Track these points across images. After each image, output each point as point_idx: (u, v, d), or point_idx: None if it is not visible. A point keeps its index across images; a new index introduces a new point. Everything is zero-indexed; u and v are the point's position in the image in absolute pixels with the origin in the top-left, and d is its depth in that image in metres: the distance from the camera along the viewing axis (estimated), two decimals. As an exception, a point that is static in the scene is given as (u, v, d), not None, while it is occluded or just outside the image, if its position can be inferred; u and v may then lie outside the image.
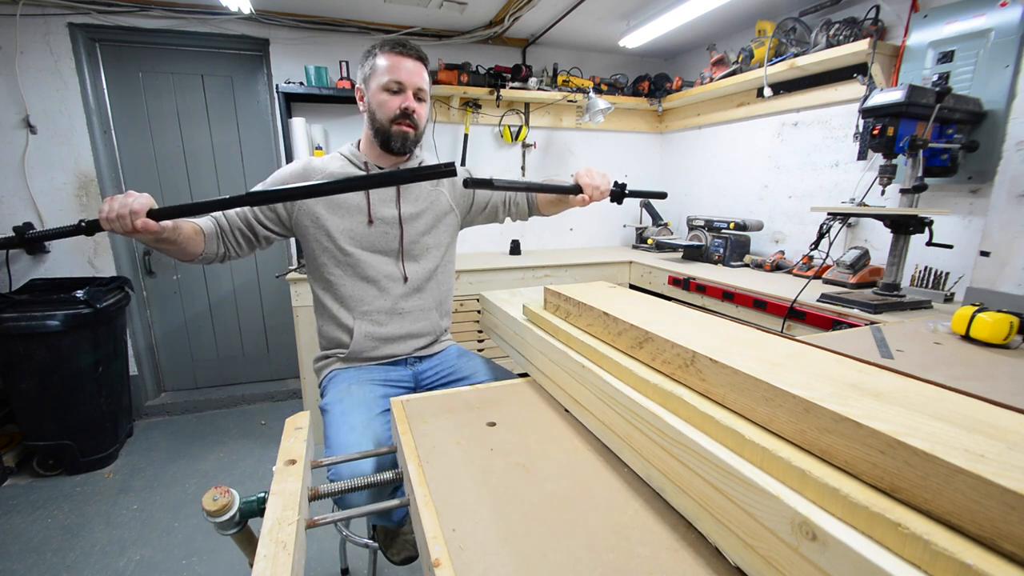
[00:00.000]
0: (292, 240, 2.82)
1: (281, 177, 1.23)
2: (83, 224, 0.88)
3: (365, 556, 1.72)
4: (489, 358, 1.35)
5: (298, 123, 2.43)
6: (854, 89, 2.09)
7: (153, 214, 0.88)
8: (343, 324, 1.24)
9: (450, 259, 1.39)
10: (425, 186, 1.31)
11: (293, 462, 0.73)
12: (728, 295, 2.04)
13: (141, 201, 0.87)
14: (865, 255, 1.91)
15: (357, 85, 1.24)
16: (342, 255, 1.22)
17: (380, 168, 1.26)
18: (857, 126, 1.99)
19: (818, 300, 1.66)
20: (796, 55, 2.16)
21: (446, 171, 0.84)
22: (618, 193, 1.21)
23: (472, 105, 2.92)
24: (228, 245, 1.17)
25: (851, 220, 2.15)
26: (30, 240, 0.93)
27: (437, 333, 1.35)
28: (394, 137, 1.19)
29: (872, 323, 1.43)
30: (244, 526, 0.73)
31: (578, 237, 3.47)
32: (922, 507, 0.37)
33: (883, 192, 1.61)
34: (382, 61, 1.16)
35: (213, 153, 2.76)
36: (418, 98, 1.20)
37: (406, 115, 1.17)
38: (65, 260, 2.52)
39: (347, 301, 1.24)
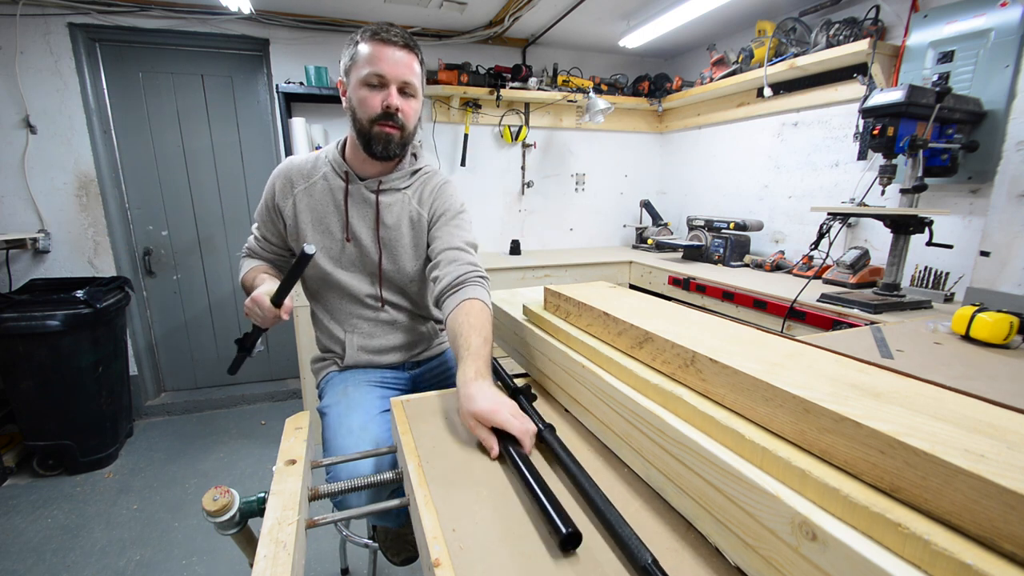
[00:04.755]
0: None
1: (269, 195, 1.17)
2: (253, 331, 1.10)
3: (365, 556, 1.72)
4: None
5: (298, 123, 2.43)
6: (854, 89, 2.09)
7: (274, 300, 1.01)
8: (335, 336, 1.22)
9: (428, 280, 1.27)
10: (411, 203, 1.20)
11: (293, 462, 0.73)
12: (728, 295, 2.04)
13: (265, 303, 1.00)
14: (865, 255, 1.91)
15: (339, 78, 1.10)
16: (322, 272, 1.16)
17: (362, 179, 1.14)
18: (857, 126, 1.99)
19: (818, 300, 1.66)
20: (796, 55, 2.16)
21: (303, 261, 0.93)
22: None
23: (472, 105, 2.93)
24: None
25: (851, 220, 2.15)
26: (247, 349, 1.13)
27: (431, 338, 1.31)
28: (375, 139, 1.05)
29: (872, 323, 1.43)
30: (244, 526, 0.73)
31: (578, 237, 3.47)
32: (922, 507, 0.37)
33: (883, 192, 1.61)
34: (363, 49, 1.02)
35: (213, 153, 2.76)
36: (404, 93, 1.04)
37: (388, 115, 1.03)
38: (65, 260, 2.52)
39: (336, 314, 1.21)
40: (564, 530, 0.52)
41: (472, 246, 1.14)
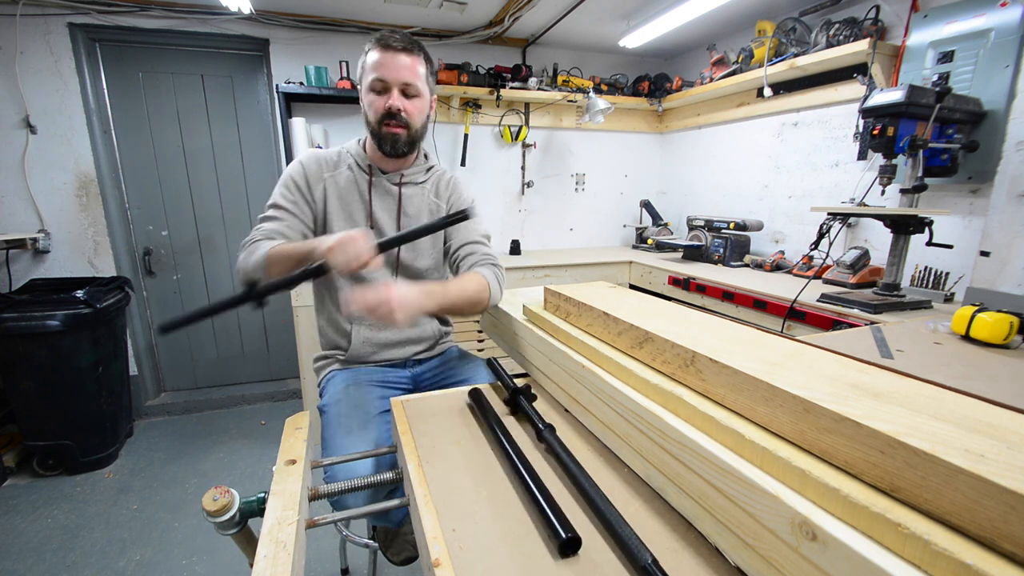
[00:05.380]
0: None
1: (300, 177, 1.17)
2: (313, 268, 0.91)
3: (365, 556, 1.72)
4: (490, 358, 1.35)
5: (298, 123, 2.43)
6: (854, 89, 2.08)
7: (381, 245, 0.92)
8: (341, 327, 1.23)
9: (443, 272, 1.34)
10: (429, 196, 1.27)
11: (293, 462, 0.73)
12: (728, 295, 2.04)
13: (364, 244, 0.89)
14: (865, 255, 1.91)
15: (358, 89, 1.19)
16: None
17: (384, 172, 1.22)
18: (857, 126, 1.99)
19: (818, 300, 1.66)
20: (796, 55, 2.16)
21: (459, 218, 0.90)
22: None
23: (472, 105, 2.92)
24: None
25: (851, 220, 2.15)
26: (260, 294, 0.90)
27: (436, 337, 1.33)
28: (384, 139, 1.14)
29: (872, 323, 1.43)
30: (244, 526, 0.73)
31: (578, 237, 3.47)
32: (922, 507, 0.37)
33: (883, 192, 1.61)
34: (370, 57, 1.11)
35: (213, 153, 2.76)
36: (407, 94, 1.12)
37: (391, 115, 1.11)
38: (65, 260, 2.52)
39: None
40: (563, 535, 0.52)
41: (487, 237, 1.27)
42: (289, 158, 2.49)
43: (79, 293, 2.09)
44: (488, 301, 1.11)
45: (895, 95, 1.47)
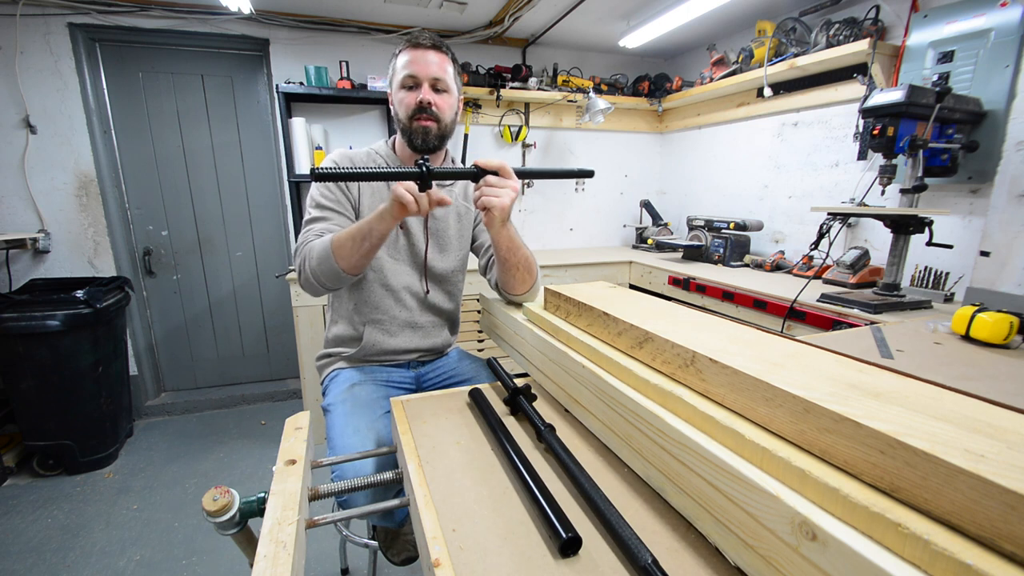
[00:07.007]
0: (292, 238, 2.83)
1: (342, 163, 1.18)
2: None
3: (365, 556, 1.72)
4: (490, 358, 1.35)
5: (298, 123, 2.43)
6: (854, 89, 2.09)
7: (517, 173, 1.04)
8: (354, 328, 1.23)
9: (464, 274, 1.37)
10: (457, 199, 1.29)
11: (293, 462, 0.73)
12: (728, 295, 2.04)
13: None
14: (865, 255, 1.91)
15: (388, 92, 1.21)
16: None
17: None
18: (857, 126, 1.99)
19: (818, 300, 1.66)
20: (796, 55, 2.16)
21: (583, 173, 0.97)
22: None
23: (472, 105, 2.93)
24: None
25: (851, 220, 2.15)
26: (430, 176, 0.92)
27: (445, 347, 1.34)
28: (415, 134, 1.15)
29: (872, 323, 1.43)
30: (244, 526, 0.73)
31: (578, 237, 3.47)
32: (922, 507, 0.37)
33: (883, 192, 1.61)
34: (400, 59, 1.14)
35: (213, 153, 2.76)
36: (436, 89, 1.15)
37: (423, 108, 1.13)
38: (65, 260, 2.52)
39: (362, 306, 1.22)
40: (564, 535, 0.52)
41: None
42: (289, 158, 2.49)
43: (79, 293, 2.09)
44: (536, 276, 1.16)
45: (895, 95, 1.47)
